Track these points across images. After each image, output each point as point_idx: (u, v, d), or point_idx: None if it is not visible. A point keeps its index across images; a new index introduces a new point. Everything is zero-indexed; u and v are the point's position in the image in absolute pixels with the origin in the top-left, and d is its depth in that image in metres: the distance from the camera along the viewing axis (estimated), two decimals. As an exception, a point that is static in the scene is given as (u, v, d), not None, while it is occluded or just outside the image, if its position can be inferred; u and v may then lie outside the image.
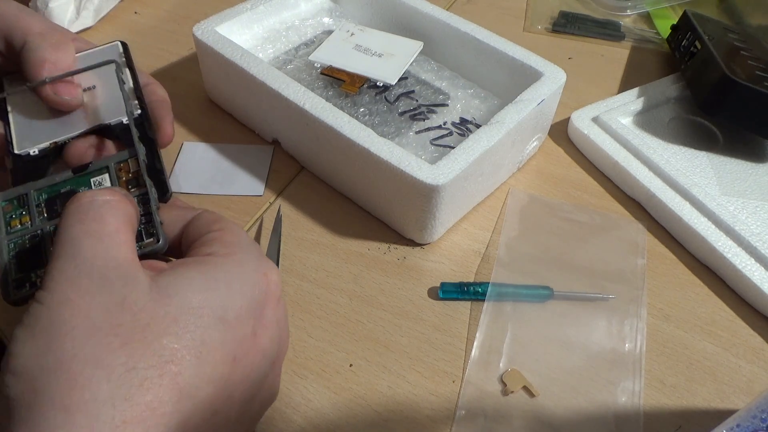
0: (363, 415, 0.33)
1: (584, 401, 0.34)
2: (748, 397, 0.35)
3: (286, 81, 0.41)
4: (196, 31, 0.45)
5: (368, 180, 0.39)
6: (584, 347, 0.36)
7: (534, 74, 0.43)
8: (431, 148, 0.43)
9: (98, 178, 0.29)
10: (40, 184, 0.28)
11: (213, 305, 0.22)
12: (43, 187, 0.28)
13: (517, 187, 0.45)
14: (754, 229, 0.41)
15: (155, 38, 0.57)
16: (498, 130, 0.39)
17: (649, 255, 0.41)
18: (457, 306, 0.38)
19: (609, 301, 0.38)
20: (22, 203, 0.28)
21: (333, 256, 0.40)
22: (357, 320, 0.37)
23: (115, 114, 0.32)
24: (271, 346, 0.24)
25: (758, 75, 0.47)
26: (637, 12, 0.65)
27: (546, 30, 0.62)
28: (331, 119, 0.38)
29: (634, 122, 0.50)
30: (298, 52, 0.50)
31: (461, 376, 0.35)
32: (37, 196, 0.28)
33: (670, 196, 0.43)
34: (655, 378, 0.35)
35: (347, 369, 0.35)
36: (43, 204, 0.28)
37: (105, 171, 0.29)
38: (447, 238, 0.42)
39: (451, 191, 0.37)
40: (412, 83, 0.47)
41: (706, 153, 0.48)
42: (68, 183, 0.29)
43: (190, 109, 0.50)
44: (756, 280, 0.38)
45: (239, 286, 0.23)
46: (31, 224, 0.27)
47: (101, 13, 0.58)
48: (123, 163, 0.29)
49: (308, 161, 0.45)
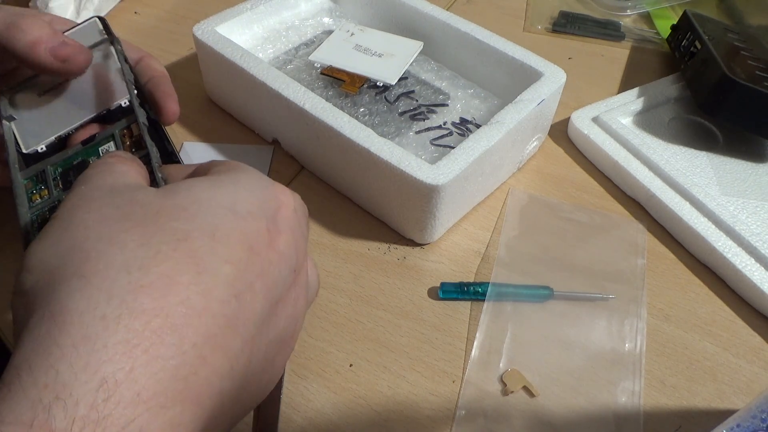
0: (363, 415, 0.33)
1: (584, 401, 0.34)
2: (748, 397, 0.35)
3: (286, 81, 0.41)
4: (196, 31, 0.45)
5: (368, 180, 0.39)
6: (584, 347, 0.36)
7: (534, 74, 0.43)
8: (431, 148, 0.43)
9: (105, 146, 0.30)
10: (54, 159, 0.30)
11: (221, 199, 0.22)
12: (57, 162, 0.30)
13: (517, 187, 0.45)
14: (754, 229, 0.41)
15: (155, 38, 0.57)
16: (498, 130, 0.39)
17: (649, 255, 0.41)
18: (457, 306, 0.38)
19: (609, 301, 0.38)
20: (41, 179, 0.30)
21: (333, 256, 0.40)
22: (357, 320, 0.37)
23: (113, 98, 0.33)
24: (288, 252, 0.23)
25: (758, 75, 0.47)
26: (637, 12, 0.65)
27: (546, 30, 0.62)
28: (331, 119, 0.38)
29: (634, 122, 0.50)
30: (298, 52, 0.50)
31: (461, 376, 0.35)
32: (53, 171, 0.30)
33: (670, 196, 0.43)
34: (655, 378, 0.35)
35: (347, 369, 0.35)
36: (58, 177, 0.30)
37: (111, 139, 0.30)
38: (447, 238, 0.42)
39: (451, 191, 0.37)
40: (412, 83, 0.47)
41: (706, 153, 0.48)
42: (79, 155, 0.30)
43: (190, 109, 0.50)
44: (756, 280, 0.38)
45: (248, 185, 0.23)
46: (49, 196, 0.29)
47: (101, 12, 0.58)
48: (126, 129, 0.30)
49: (308, 161, 0.45)
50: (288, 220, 0.23)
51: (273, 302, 0.22)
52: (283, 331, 0.23)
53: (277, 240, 0.22)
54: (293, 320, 0.24)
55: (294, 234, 0.23)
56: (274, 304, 0.22)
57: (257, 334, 0.21)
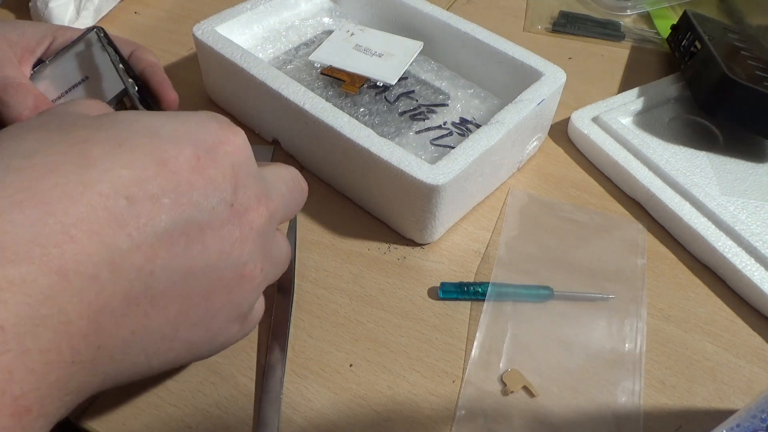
0: (363, 415, 0.33)
1: (584, 401, 0.34)
2: (748, 397, 0.35)
3: (286, 81, 0.41)
4: (196, 31, 0.45)
5: (368, 180, 0.39)
6: (584, 347, 0.36)
7: (534, 74, 0.43)
8: (431, 148, 0.43)
9: None
10: None
11: (146, 121, 0.22)
12: None
13: (517, 187, 0.45)
14: (754, 229, 0.41)
15: (155, 38, 0.57)
16: (498, 130, 0.39)
17: (649, 255, 0.41)
18: (457, 306, 0.38)
19: (609, 301, 0.38)
20: None
21: (333, 256, 0.40)
22: (357, 320, 0.37)
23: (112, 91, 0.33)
24: (222, 184, 0.22)
25: (758, 75, 0.47)
26: (637, 12, 0.65)
27: (546, 30, 0.62)
28: (331, 119, 0.38)
29: (634, 122, 0.50)
30: (298, 52, 0.50)
31: (461, 376, 0.35)
32: None
33: (670, 196, 0.43)
34: (655, 378, 0.35)
35: (347, 369, 0.35)
36: None
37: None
38: (447, 238, 0.42)
39: (451, 191, 0.37)
40: (412, 83, 0.47)
41: (706, 153, 0.48)
42: None
43: (190, 109, 0.49)
44: (756, 280, 0.38)
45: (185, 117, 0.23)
46: None
47: (101, 13, 0.58)
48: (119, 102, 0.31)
49: (308, 161, 0.45)
50: (231, 156, 0.23)
51: (190, 225, 0.21)
52: (217, 267, 0.23)
53: (208, 168, 0.22)
54: (233, 262, 0.23)
55: (235, 170, 0.23)
56: (194, 227, 0.21)
57: (161, 248, 0.20)
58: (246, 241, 0.23)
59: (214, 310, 0.24)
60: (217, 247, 0.22)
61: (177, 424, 0.32)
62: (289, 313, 0.36)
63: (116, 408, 0.32)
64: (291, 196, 0.28)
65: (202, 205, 0.21)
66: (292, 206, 0.29)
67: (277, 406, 0.32)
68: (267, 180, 0.26)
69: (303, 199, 0.30)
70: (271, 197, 0.25)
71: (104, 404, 0.32)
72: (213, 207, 0.22)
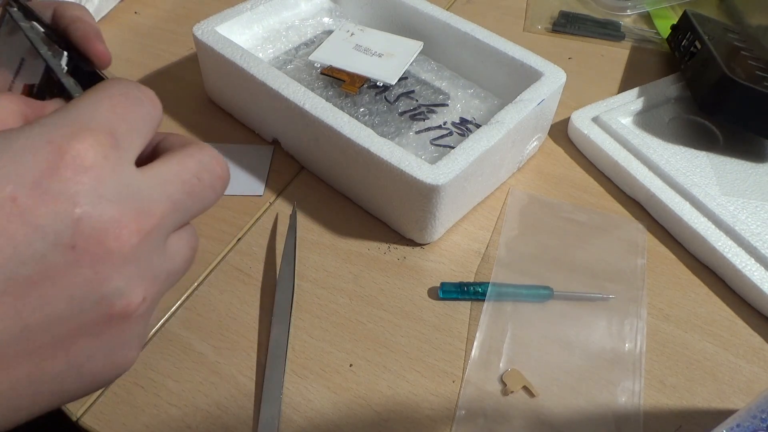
0: (363, 415, 0.33)
1: (584, 401, 0.34)
2: (748, 397, 0.35)
3: (286, 81, 0.41)
4: (196, 31, 0.45)
5: (368, 180, 0.39)
6: (584, 347, 0.36)
7: (534, 74, 0.43)
8: (431, 148, 0.43)
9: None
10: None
11: None
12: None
13: (517, 187, 0.45)
14: (754, 229, 0.41)
15: (155, 38, 0.57)
16: (498, 130, 0.39)
17: (649, 255, 0.41)
18: (457, 306, 0.38)
19: (609, 301, 0.38)
20: None
21: (333, 256, 0.40)
22: (357, 320, 0.37)
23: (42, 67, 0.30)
24: (55, 225, 0.18)
25: (758, 75, 0.47)
26: (637, 12, 0.65)
27: (546, 30, 0.62)
28: (331, 119, 0.38)
29: (634, 122, 0.50)
30: (298, 52, 0.50)
31: (461, 376, 0.35)
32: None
33: (670, 196, 0.43)
34: (655, 378, 0.35)
35: (347, 369, 0.35)
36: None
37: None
38: (447, 238, 0.42)
39: (451, 191, 0.37)
40: (412, 83, 0.47)
41: (706, 153, 0.48)
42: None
43: (190, 109, 0.50)
44: (756, 280, 0.38)
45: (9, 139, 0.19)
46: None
47: (101, 13, 0.58)
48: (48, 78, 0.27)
49: (308, 161, 0.45)
50: (70, 182, 0.19)
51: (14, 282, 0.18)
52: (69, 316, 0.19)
53: (32, 210, 0.18)
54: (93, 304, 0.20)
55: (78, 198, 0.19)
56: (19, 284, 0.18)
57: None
58: (109, 277, 0.20)
59: (84, 358, 0.21)
60: (63, 295, 0.19)
61: (177, 424, 0.32)
62: (289, 313, 0.36)
63: (116, 408, 0.32)
64: (190, 198, 0.23)
65: (24, 257, 0.18)
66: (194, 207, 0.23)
67: (277, 406, 0.32)
68: (146, 187, 0.21)
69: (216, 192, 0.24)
70: (148, 210, 0.21)
71: (104, 404, 0.32)
72: (42, 255, 0.18)
